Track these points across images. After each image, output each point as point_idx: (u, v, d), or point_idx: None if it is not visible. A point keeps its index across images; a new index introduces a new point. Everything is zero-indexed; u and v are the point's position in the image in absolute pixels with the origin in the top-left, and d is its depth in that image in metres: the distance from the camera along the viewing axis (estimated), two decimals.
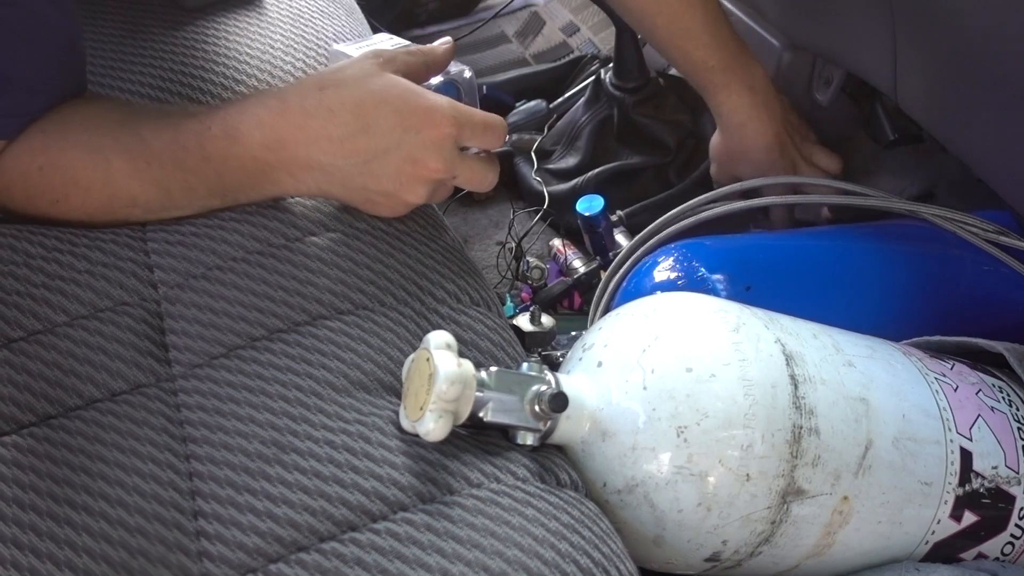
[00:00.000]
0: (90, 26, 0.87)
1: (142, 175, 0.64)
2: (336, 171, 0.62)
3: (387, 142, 0.60)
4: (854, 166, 1.01)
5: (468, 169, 0.63)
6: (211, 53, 0.81)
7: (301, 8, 0.88)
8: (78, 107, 0.68)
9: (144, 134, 0.64)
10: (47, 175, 0.66)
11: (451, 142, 0.61)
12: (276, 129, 0.62)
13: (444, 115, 0.60)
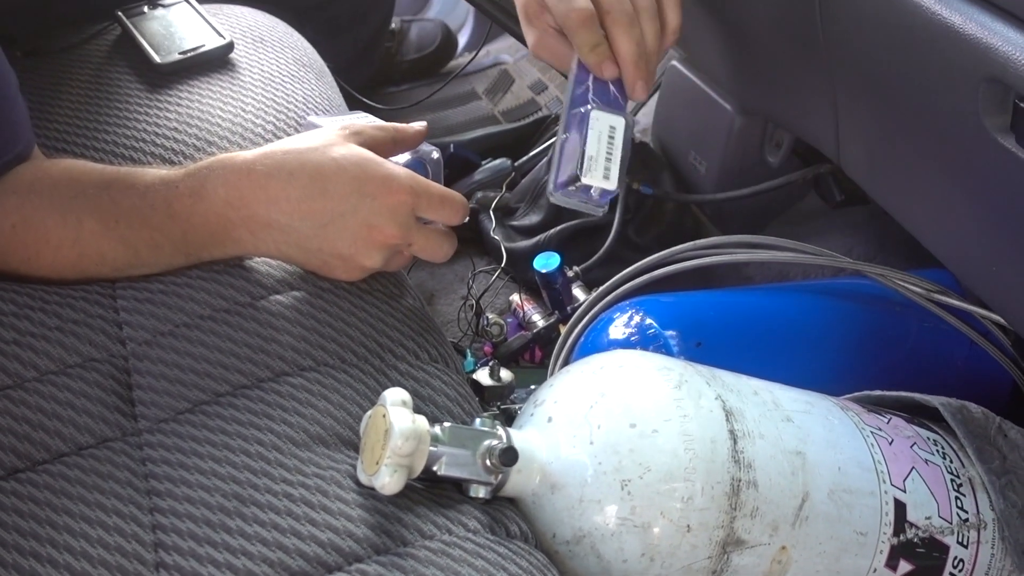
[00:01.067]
0: (64, 84, 0.90)
1: (111, 233, 0.66)
2: (294, 232, 0.64)
3: (344, 206, 0.62)
4: (807, 228, 1.06)
5: (424, 239, 0.66)
6: (184, 115, 0.84)
7: (272, 72, 0.91)
8: (50, 169, 0.71)
9: (113, 194, 0.67)
10: (19, 234, 0.68)
11: (407, 210, 0.63)
12: (239, 188, 0.64)
13: (401, 183, 0.63)
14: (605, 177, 0.65)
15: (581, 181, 0.65)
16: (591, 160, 0.65)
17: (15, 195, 0.68)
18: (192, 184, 0.65)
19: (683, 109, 1.14)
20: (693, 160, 1.13)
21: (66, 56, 0.94)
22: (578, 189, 0.66)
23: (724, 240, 0.93)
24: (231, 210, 0.64)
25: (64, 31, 0.98)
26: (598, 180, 0.65)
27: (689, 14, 0.96)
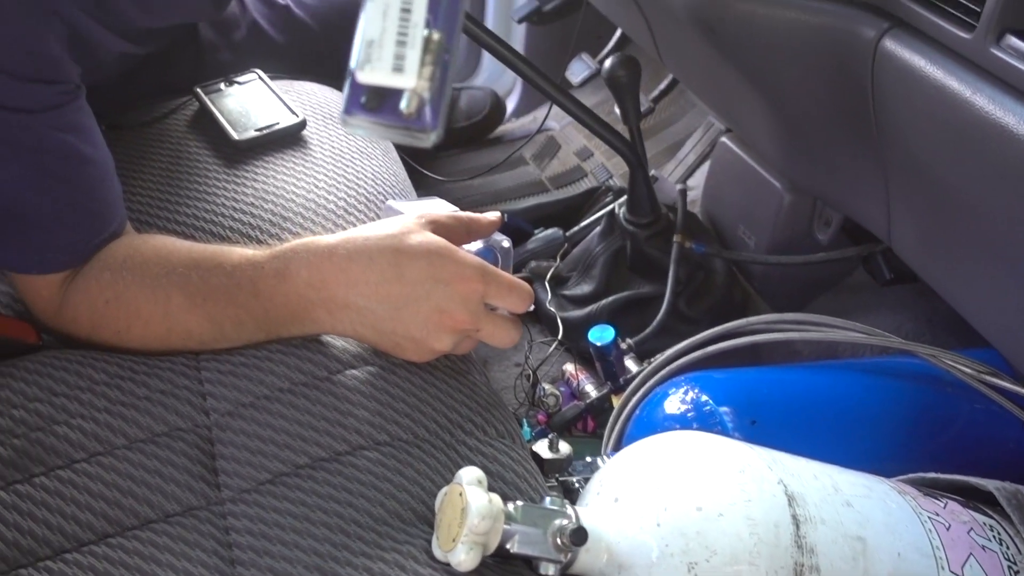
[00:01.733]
0: (146, 157, 0.95)
1: (198, 310, 0.70)
2: (370, 314, 0.68)
3: (418, 291, 0.66)
4: (855, 303, 1.07)
5: (492, 325, 0.68)
6: (260, 190, 0.88)
7: (342, 149, 0.96)
8: (141, 246, 0.75)
9: (202, 272, 0.71)
10: (112, 308, 0.72)
11: (478, 297, 0.66)
12: (321, 270, 0.68)
13: (473, 272, 0.66)
14: (396, 69, 0.45)
15: (356, 78, 0.46)
16: (371, 47, 0.45)
17: (108, 271, 0.73)
18: (277, 265, 0.69)
19: (732, 184, 1.17)
20: (742, 234, 1.16)
21: (147, 130, 0.99)
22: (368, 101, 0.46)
23: (776, 318, 0.95)
24: (312, 291, 0.68)
25: (146, 106, 1.04)
26: (383, 75, 0.45)
27: (739, 93, 1.00)
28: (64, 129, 0.71)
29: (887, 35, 0.75)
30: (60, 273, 0.74)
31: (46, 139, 0.70)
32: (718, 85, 1.07)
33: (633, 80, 1.13)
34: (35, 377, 0.70)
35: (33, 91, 0.68)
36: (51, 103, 0.70)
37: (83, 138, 0.73)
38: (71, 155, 0.72)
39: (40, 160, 0.70)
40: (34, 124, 0.69)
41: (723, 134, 1.26)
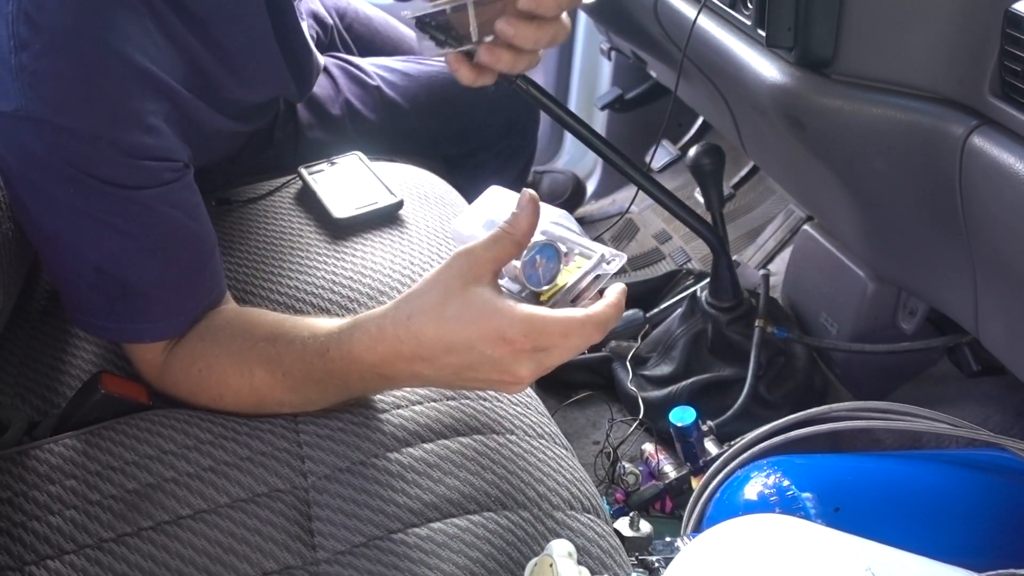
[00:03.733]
0: (251, 232, 1.00)
1: (280, 384, 0.74)
2: (438, 380, 0.70)
3: (471, 358, 0.66)
4: (940, 394, 1.06)
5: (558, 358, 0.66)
6: (359, 266, 0.93)
7: (435, 228, 1.00)
8: (231, 319, 0.79)
9: (279, 347, 0.74)
10: (204, 378, 0.76)
11: (530, 350, 0.65)
12: (380, 353, 0.69)
13: (516, 332, 0.64)
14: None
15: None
16: None
17: (202, 342, 0.77)
18: (341, 350, 0.70)
19: (815, 271, 1.18)
20: (824, 321, 1.16)
21: (254, 207, 1.05)
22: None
23: (859, 406, 0.95)
24: (380, 368, 0.70)
25: (252, 182, 1.10)
26: None
27: (822, 184, 1.02)
28: (172, 205, 0.76)
29: (975, 132, 0.77)
30: (163, 342, 0.79)
31: (155, 214, 0.75)
32: (801, 175, 1.09)
33: (717, 168, 1.16)
34: (146, 435, 0.74)
35: (145, 169, 0.73)
36: (161, 180, 0.75)
37: (190, 214, 0.78)
38: (178, 230, 0.77)
39: (149, 234, 0.75)
40: (145, 200, 0.74)
41: (805, 222, 1.28)
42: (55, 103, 0.67)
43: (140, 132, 0.72)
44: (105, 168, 0.70)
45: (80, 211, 0.72)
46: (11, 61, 0.66)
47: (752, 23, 0.93)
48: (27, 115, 0.67)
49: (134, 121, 0.71)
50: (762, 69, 0.92)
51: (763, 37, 0.89)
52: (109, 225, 0.73)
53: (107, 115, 0.70)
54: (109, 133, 0.70)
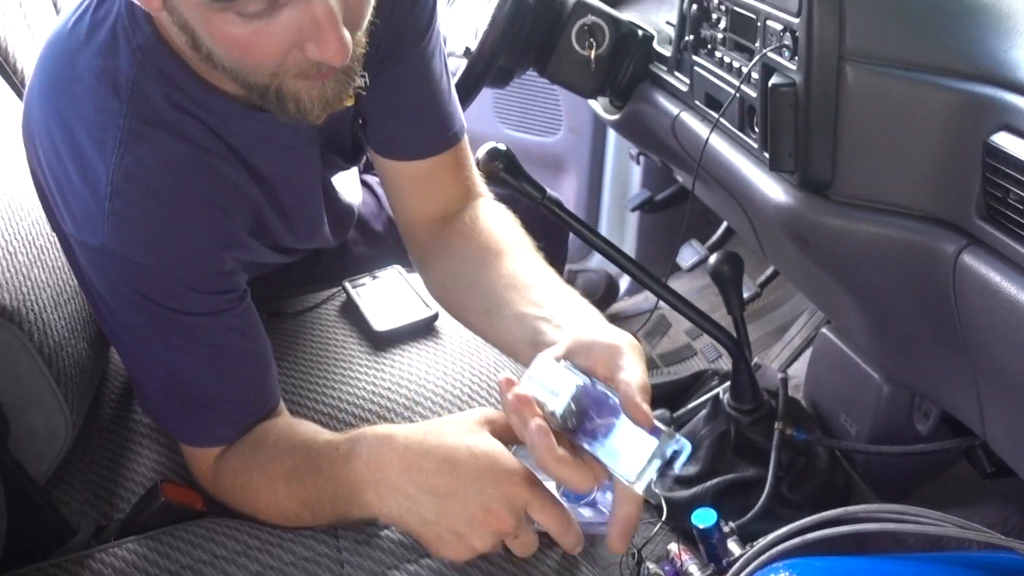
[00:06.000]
0: (298, 344, 1.09)
1: (295, 497, 0.81)
2: (417, 502, 0.73)
3: (467, 487, 0.71)
4: (959, 494, 1.09)
5: (527, 536, 0.72)
6: (397, 377, 1.00)
7: (469, 338, 1.07)
8: (269, 434, 0.86)
9: (298, 460, 0.81)
10: (245, 491, 0.84)
11: (523, 503, 0.71)
12: (380, 452, 0.75)
13: (521, 478, 0.71)
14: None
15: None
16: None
17: (242, 457, 0.85)
18: (347, 447, 0.77)
19: (833, 372, 1.23)
20: (844, 421, 1.21)
21: (302, 318, 1.14)
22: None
23: (879, 508, 0.98)
24: (367, 471, 0.75)
25: (301, 294, 1.19)
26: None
27: (833, 292, 1.08)
28: (232, 328, 0.85)
29: (965, 251, 0.82)
30: (217, 448, 0.86)
31: (217, 336, 0.84)
32: (814, 282, 1.14)
33: (736, 275, 1.22)
34: (200, 541, 0.81)
35: (210, 300, 0.83)
36: (223, 308, 0.84)
37: (247, 334, 0.88)
38: (236, 350, 0.86)
39: (210, 354, 0.84)
40: (209, 324, 0.83)
41: (825, 323, 1.33)
42: (136, 244, 0.77)
43: (208, 272, 0.82)
44: (173, 299, 0.80)
45: (149, 332, 0.82)
46: (105, 205, 0.76)
47: (758, 146, 1.01)
48: (110, 251, 0.77)
49: (204, 263, 0.81)
50: (768, 189, 0.99)
51: (768, 160, 0.96)
52: (174, 345, 0.82)
53: (180, 258, 0.79)
54: (180, 272, 0.79)
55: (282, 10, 0.65)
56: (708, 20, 1.12)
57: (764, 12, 0.95)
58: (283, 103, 0.72)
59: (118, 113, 0.77)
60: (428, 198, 0.98)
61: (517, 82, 1.50)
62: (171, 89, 0.78)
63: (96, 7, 0.79)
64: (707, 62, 1.13)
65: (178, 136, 0.79)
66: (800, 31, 0.87)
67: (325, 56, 0.67)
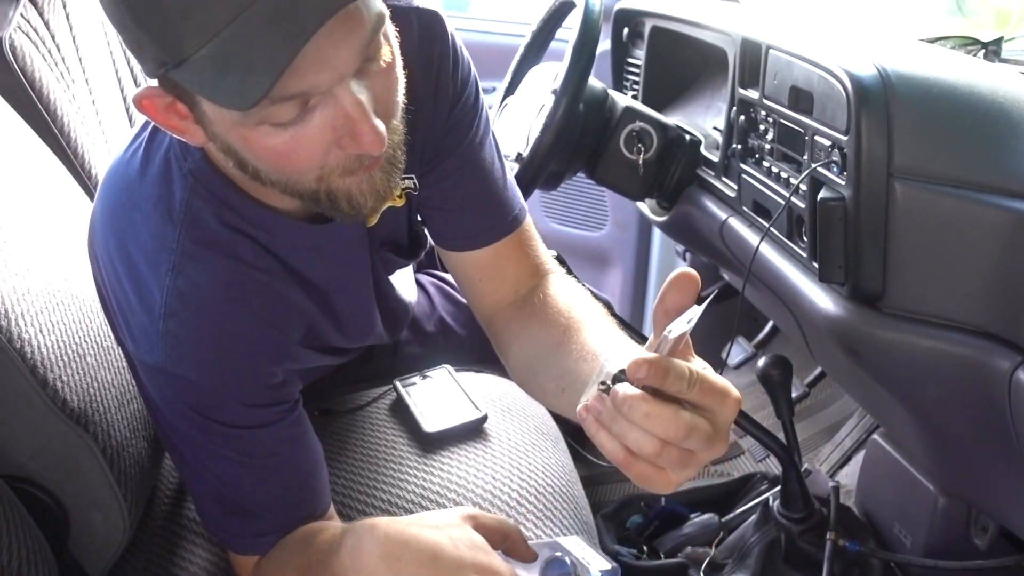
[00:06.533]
0: (349, 442, 1.10)
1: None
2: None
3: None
4: None
5: None
6: (445, 479, 1.01)
7: (517, 441, 1.08)
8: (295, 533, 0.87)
9: (305, 556, 0.83)
10: None
11: None
12: (361, 541, 0.78)
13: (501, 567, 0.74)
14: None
15: None
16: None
17: (270, 559, 0.87)
18: (338, 538, 0.80)
19: (886, 482, 1.21)
20: (898, 532, 1.18)
21: (353, 416, 1.15)
22: None
23: None
24: (349, 559, 0.78)
25: (352, 392, 1.21)
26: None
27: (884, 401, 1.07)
28: (283, 438, 0.88)
29: (1020, 368, 0.82)
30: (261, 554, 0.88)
31: (268, 448, 0.86)
32: (865, 390, 1.14)
33: (785, 379, 1.22)
34: None
35: (261, 414, 0.85)
36: (274, 419, 0.86)
37: (298, 443, 0.89)
38: (287, 458, 0.88)
39: (262, 464, 0.86)
40: (260, 437, 0.85)
41: (876, 427, 1.31)
42: (189, 363, 0.79)
43: (259, 387, 0.84)
44: (225, 414, 0.82)
45: (201, 444, 0.84)
46: (159, 325, 0.79)
47: (807, 255, 1.02)
48: (165, 369, 0.79)
49: (256, 380, 0.83)
50: (817, 298, 0.99)
51: (818, 270, 0.97)
52: (225, 457, 0.84)
53: (233, 376, 0.82)
54: (233, 389, 0.82)
55: (313, 113, 0.67)
56: (756, 130, 1.14)
57: (812, 128, 0.97)
58: (336, 203, 0.75)
59: (172, 237, 0.80)
60: (497, 284, 1.00)
61: None
62: (222, 209, 0.82)
63: (150, 138, 0.84)
64: (755, 170, 1.15)
65: (229, 256, 0.82)
66: (849, 148, 0.89)
67: (362, 147, 0.69)
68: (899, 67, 0.90)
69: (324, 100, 0.67)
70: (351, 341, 1.00)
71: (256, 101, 0.62)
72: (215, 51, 0.61)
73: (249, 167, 0.74)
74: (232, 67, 0.61)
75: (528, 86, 1.43)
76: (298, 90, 0.65)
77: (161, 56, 0.64)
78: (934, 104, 0.89)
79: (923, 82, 0.90)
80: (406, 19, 0.86)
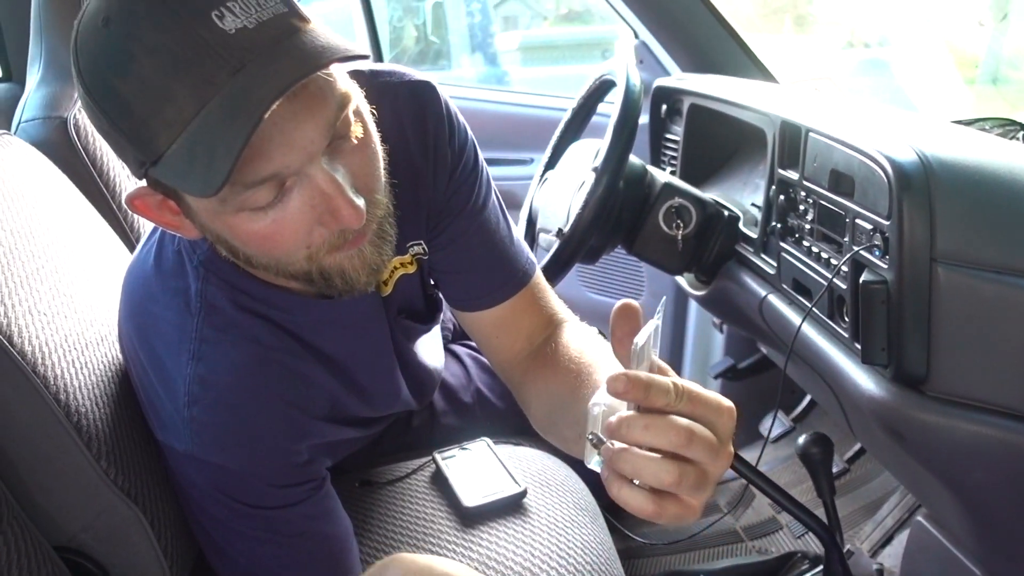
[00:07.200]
0: (389, 514, 1.10)
1: None
2: None
3: None
4: None
5: None
6: (484, 555, 1.00)
7: (557, 517, 1.08)
8: None
9: None
10: None
11: None
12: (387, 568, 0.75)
13: None
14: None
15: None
16: None
17: None
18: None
19: (931, 566, 1.18)
20: None
21: (391, 488, 1.16)
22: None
23: None
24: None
25: (392, 462, 1.22)
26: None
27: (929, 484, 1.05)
28: (312, 516, 0.89)
29: None
30: None
31: (297, 526, 0.87)
32: (908, 471, 1.12)
33: (826, 457, 1.21)
34: None
35: (289, 493, 0.86)
36: (302, 498, 0.87)
37: (328, 519, 0.90)
38: (316, 535, 0.89)
39: (291, 544, 0.87)
40: (288, 516, 0.87)
41: (919, 508, 1.29)
42: (215, 447, 0.81)
43: (285, 466, 0.85)
44: (252, 496, 0.84)
45: (231, 527, 0.85)
46: (184, 413, 0.81)
47: (849, 336, 1.02)
48: (191, 455, 0.81)
49: (280, 458, 0.84)
50: (860, 380, 0.99)
51: (860, 351, 0.97)
52: (255, 538, 0.85)
53: (257, 456, 0.83)
54: (259, 470, 0.83)
55: (290, 194, 0.70)
56: (795, 210, 1.16)
57: (853, 211, 0.98)
58: (330, 281, 0.77)
59: (191, 326, 0.83)
60: (513, 338, 1.01)
61: None
62: (236, 294, 0.84)
63: (161, 236, 0.88)
64: (795, 249, 1.16)
65: (247, 338, 0.84)
66: (891, 233, 0.90)
67: (342, 222, 0.71)
68: (940, 152, 0.91)
69: (299, 181, 0.70)
70: (377, 411, 1.01)
71: (219, 186, 0.64)
72: (184, 144, 0.64)
73: (240, 253, 0.76)
74: (197, 156, 0.64)
75: (568, 161, 1.45)
76: (268, 172, 0.67)
77: (140, 156, 0.67)
78: (976, 189, 0.90)
79: (964, 167, 0.91)
80: (398, 91, 0.89)
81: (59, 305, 0.86)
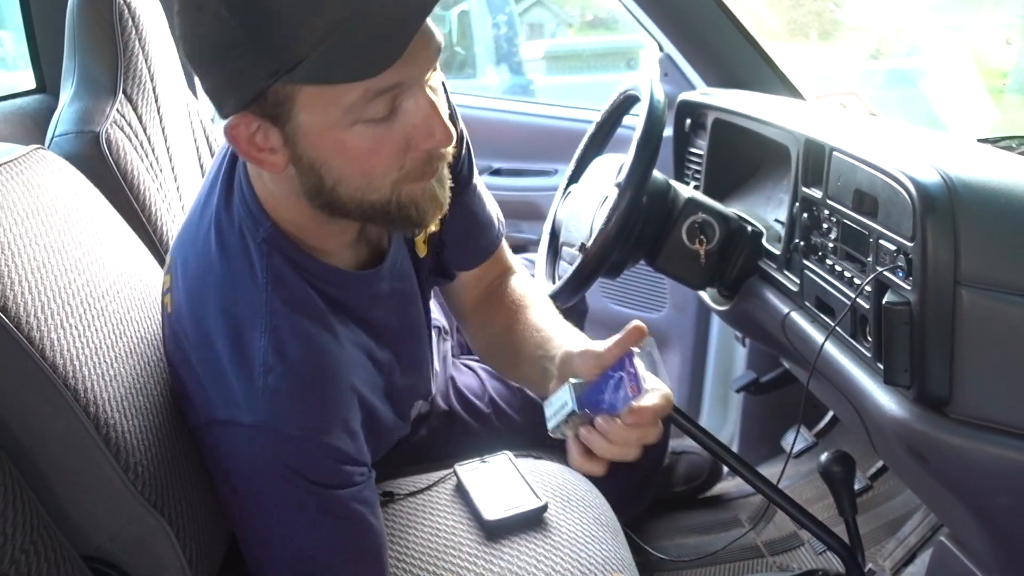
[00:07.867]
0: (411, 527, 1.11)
1: None
2: None
3: None
4: None
5: None
6: (504, 568, 1.01)
7: (577, 533, 1.08)
8: None
9: None
10: None
11: None
12: None
13: None
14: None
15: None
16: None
17: None
18: None
19: None
20: None
21: (413, 500, 1.17)
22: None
23: None
24: None
25: (412, 474, 1.23)
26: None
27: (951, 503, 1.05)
28: (360, 502, 0.91)
29: None
30: None
31: (348, 510, 0.90)
32: (932, 492, 1.12)
33: (848, 476, 1.21)
34: None
35: (343, 472, 0.89)
36: (353, 482, 0.90)
37: (371, 511, 0.93)
38: (363, 522, 0.92)
39: (340, 527, 0.90)
40: (341, 497, 0.89)
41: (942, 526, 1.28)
42: (285, 415, 0.84)
43: (344, 437, 0.88)
44: (313, 469, 0.86)
45: (280, 512, 0.88)
46: (260, 382, 0.84)
47: (872, 355, 1.02)
48: (263, 426, 0.84)
49: (341, 427, 0.88)
50: (882, 400, 0.99)
51: (882, 371, 0.97)
52: (309, 519, 0.88)
53: (322, 423, 0.86)
54: (322, 437, 0.86)
55: (398, 111, 0.78)
56: (819, 228, 1.15)
57: (877, 231, 0.98)
58: (405, 211, 0.84)
59: (261, 300, 0.87)
60: (477, 289, 1.17)
61: None
62: (298, 269, 0.90)
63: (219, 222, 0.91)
64: (818, 267, 1.16)
65: (312, 313, 0.89)
66: (915, 255, 0.90)
67: (437, 141, 0.80)
68: (964, 174, 0.91)
69: (406, 100, 0.78)
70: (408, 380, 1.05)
71: (396, 58, 0.72)
72: (345, 34, 0.71)
73: (328, 183, 0.81)
74: (362, 44, 0.71)
75: (592, 176, 1.46)
76: (393, 81, 0.75)
77: (273, 66, 0.73)
78: (1001, 211, 0.90)
79: (989, 189, 0.91)
80: None
81: (90, 319, 0.88)
